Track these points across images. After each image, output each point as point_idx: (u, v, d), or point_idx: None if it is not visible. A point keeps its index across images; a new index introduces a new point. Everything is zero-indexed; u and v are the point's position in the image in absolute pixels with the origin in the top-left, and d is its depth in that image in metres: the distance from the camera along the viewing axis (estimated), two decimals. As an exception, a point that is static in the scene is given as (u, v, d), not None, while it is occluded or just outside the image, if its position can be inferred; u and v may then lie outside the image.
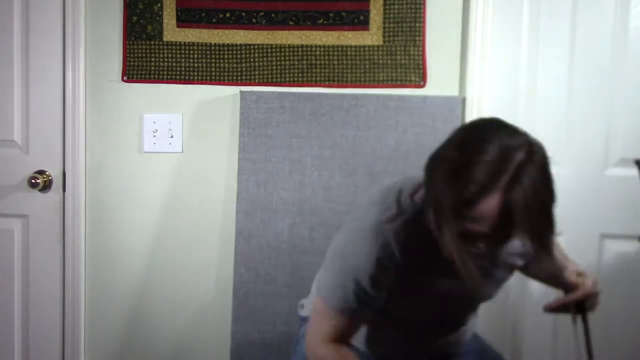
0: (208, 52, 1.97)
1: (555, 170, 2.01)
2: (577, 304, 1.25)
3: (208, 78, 1.97)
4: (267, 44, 1.95)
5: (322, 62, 1.95)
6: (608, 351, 2.00)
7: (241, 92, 1.94)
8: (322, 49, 1.94)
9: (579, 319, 1.26)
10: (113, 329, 2.07)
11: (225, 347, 1.93)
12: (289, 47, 1.95)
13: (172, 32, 1.97)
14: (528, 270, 1.39)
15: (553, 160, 2.04)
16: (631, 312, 1.99)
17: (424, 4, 1.92)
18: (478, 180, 0.97)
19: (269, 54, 1.95)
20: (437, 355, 1.38)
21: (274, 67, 1.96)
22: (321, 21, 1.93)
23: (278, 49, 1.95)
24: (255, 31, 1.95)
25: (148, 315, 2.06)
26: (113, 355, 2.08)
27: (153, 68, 1.98)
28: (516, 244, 1.20)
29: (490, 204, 0.97)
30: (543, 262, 1.33)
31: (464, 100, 1.92)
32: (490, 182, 0.97)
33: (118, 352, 2.08)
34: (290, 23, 1.94)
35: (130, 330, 2.07)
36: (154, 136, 2.01)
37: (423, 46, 1.93)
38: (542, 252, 1.07)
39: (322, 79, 1.95)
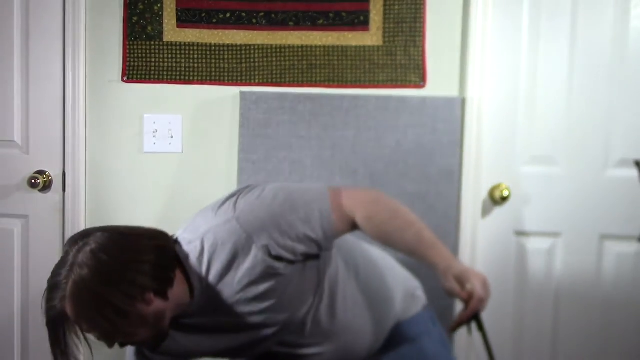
0: (208, 53, 1.97)
1: (555, 170, 2.04)
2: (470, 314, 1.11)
3: (208, 78, 1.98)
4: (267, 45, 1.95)
5: (322, 63, 1.95)
6: (608, 352, 2.00)
7: (241, 92, 1.94)
8: (322, 50, 1.94)
9: (473, 327, 1.13)
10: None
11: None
12: (289, 47, 1.95)
13: (172, 32, 1.97)
14: (378, 242, 1.28)
15: (553, 160, 2.07)
16: (631, 312, 1.99)
17: (424, 4, 1.92)
18: (56, 296, 1.16)
19: (269, 55, 1.95)
20: None
21: (274, 68, 1.96)
22: (321, 22, 1.93)
23: (278, 50, 1.95)
24: (256, 32, 1.95)
25: (148, 316, 2.06)
26: (113, 356, 2.08)
27: (153, 68, 1.98)
28: (243, 279, 1.22)
29: (70, 313, 1.14)
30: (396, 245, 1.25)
31: (464, 101, 1.92)
32: (62, 297, 1.14)
33: (118, 352, 2.07)
34: (291, 23, 1.94)
35: (130, 330, 2.07)
36: (154, 136, 2.01)
37: (423, 46, 1.93)
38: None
39: (322, 79, 1.95)
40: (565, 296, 2.01)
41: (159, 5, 1.96)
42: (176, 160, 2.02)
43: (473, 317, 1.11)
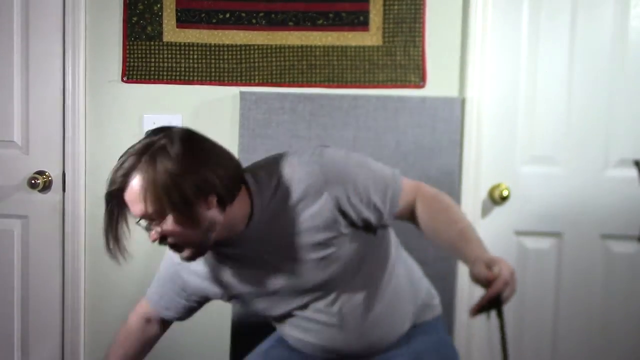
0: (208, 53, 1.97)
1: (555, 170, 2.04)
2: (492, 298, 1.11)
3: (208, 79, 1.98)
4: (266, 45, 1.95)
5: (322, 63, 1.95)
6: (608, 352, 2.00)
7: (241, 92, 1.94)
8: (321, 50, 1.94)
9: (493, 313, 1.13)
10: (113, 329, 2.06)
11: (225, 346, 1.93)
12: (289, 47, 1.95)
13: (172, 32, 1.97)
14: (426, 235, 1.35)
15: (553, 160, 2.07)
16: (631, 312, 1.99)
17: (424, 4, 1.92)
18: (124, 167, 1.16)
19: (269, 55, 1.95)
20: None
21: (274, 68, 1.96)
22: (321, 22, 1.93)
23: (278, 50, 1.95)
24: (255, 32, 1.95)
25: (148, 316, 2.06)
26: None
27: (153, 68, 1.98)
28: (304, 220, 1.25)
29: (132, 187, 1.15)
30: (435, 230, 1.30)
31: (463, 101, 1.92)
32: (131, 167, 1.15)
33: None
34: (290, 24, 1.94)
35: (130, 330, 2.07)
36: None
37: (423, 46, 1.93)
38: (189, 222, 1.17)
39: (322, 79, 1.95)
40: (565, 296, 2.01)
41: (158, 6, 1.96)
42: (176, 160, 2.02)
43: (495, 303, 1.11)
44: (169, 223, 1.16)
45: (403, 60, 1.93)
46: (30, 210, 2.06)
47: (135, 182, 1.14)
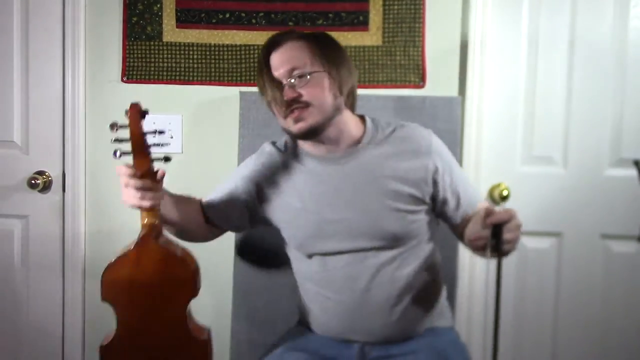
0: (208, 53, 1.97)
1: (555, 170, 2.03)
2: (494, 231, 1.13)
3: (208, 79, 1.98)
4: (266, 45, 1.95)
5: (322, 63, 1.95)
6: (608, 351, 2.00)
7: (241, 92, 1.93)
8: (321, 50, 1.94)
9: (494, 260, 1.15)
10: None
11: (225, 347, 1.93)
12: (289, 47, 1.95)
13: (172, 32, 1.97)
14: (462, 233, 1.41)
15: (553, 160, 2.06)
16: (631, 312, 1.99)
17: (424, 4, 1.92)
18: (284, 33, 1.39)
19: (269, 55, 1.95)
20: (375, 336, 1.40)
21: (274, 68, 1.96)
22: (321, 22, 1.93)
23: (278, 50, 1.95)
24: (255, 32, 1.95)
25: (148, 316, 2.06)
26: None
27: (153, 69, 1.98)
28: (401, 169, 1.37)
29: (295, 43, 1.36)
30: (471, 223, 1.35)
31: (463, 101, 1.92)
32: (294, 32, 1.38)
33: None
34: (290, 24, 1.94)
35: (130, 330, 2.07)
36: (154, 137, 2.00)
37: (422, 46, 1.93)
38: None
39: (322, 79, 1.95)
40: (565, 296, 2.01)
41: (158, 6, 1.96)
42: (176, 160, 2.01)
43: (496, 241, 1.14)
44: (313, 81, 1.33)
45: (403, 60, 1.94)
46: (30, 210, 2.06)
47: (300, 42, 1.35)
